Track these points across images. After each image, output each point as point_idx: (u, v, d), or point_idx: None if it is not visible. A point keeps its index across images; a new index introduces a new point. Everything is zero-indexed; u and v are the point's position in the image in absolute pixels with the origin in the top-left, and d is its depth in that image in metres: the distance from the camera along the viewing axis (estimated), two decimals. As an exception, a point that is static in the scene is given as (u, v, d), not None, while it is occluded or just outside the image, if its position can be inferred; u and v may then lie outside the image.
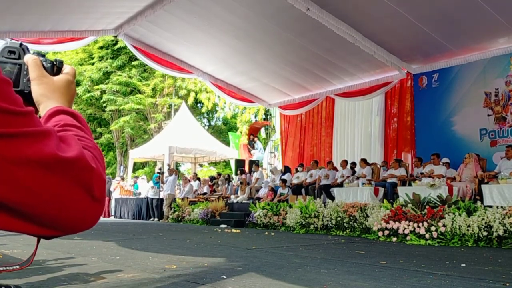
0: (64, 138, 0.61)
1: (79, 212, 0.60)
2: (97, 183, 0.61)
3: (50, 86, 0.77)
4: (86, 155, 0.61)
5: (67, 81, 0.80)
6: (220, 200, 12.86)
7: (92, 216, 0.62)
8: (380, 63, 11.10)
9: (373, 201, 8.86)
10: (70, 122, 0.71)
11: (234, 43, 11.63)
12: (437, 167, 9.41)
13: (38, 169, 0.55)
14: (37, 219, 0.57)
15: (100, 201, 0.62)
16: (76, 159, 0.59)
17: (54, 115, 0.72)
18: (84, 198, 0.60)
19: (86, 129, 0.72)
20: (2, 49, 0.76)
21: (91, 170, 0.61)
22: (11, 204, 0.54)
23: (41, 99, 0.76)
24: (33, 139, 0.56)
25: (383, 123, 12.09)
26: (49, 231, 0.59)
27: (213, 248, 5.97)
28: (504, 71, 9.78)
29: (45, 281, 3.51)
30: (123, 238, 7.43)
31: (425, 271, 4.04)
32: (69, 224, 0.60)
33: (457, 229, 6.63)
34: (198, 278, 3.61)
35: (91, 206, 0.61)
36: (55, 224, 0.59)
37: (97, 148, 0.67)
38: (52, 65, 0.80)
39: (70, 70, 0.82)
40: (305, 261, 4.64)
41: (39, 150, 0.55)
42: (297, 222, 9.27)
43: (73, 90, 0.81)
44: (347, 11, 9.26)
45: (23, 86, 0.76)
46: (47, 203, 0.56)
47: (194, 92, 24.28)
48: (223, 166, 27.01)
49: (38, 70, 0.76)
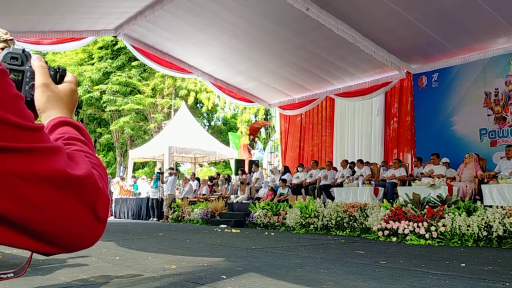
0: (72, 155, 0.61)
1: (82, 232, 0.59)
2: (102, 203, 0.61)
3: (55, 95, 0.76)
4: (95, 174, 0.61)
5: (71, 90, 0.79)
6: (220, 200, 12.86)
7: (94, 236, 0.61)
8: (380, 63, 11.10)
9: (373, 201, 8.86)
10: (74, 136, 0.70)
11: (234, 43, 11.63)
12: (437, 167, 9.41)
13: (46, 186, 0.54)
14: (39, 235, 0.56)
15: (103, 221, 0.61)
16: (84, 177, 0.58)
17: (58, 126, 0.72)
18: (88, 218, 0.59)
19: (89, 143, 0.72)
20: (4, 55, 0.75)
21: (98, 190, 0.60)
22: (15, 219, 0.54)
23: (45, 107, 0.74)
24: (43, 155, 0.55)
25: (383, 123, 12.09)
26: (49, 248, 0.59)
27: (213, 248, 5.97)
28: (504, 71, 9.78)
29: (45, 281, 3.51)
30: (123, 238, 7.42)
31: (425, 271, 4.03)
32: (70, 242, 0.59)
33: (457, 229, 6.63)
34: (198, 278, 3.61)
35: (94, 226, 0.60)
36: (56, 242, 0.58)
37: (101, 165, 0.67)
38: (55, 72, 0.79)
39: (72, 78, 0.81)
40: (305, 261, 4.64)
41: (48, 167, 0.55)
42: (297, 222, 9.27)
43: (75, 99, 0.80)
44: (347, 11, 9.26)
45: (25, 93, 0.75)
46: (51, 220, 0.56)
47: (194, 92, 24.27)
48: (223, 166, 27.01)
49: (45, 78, 0.75)
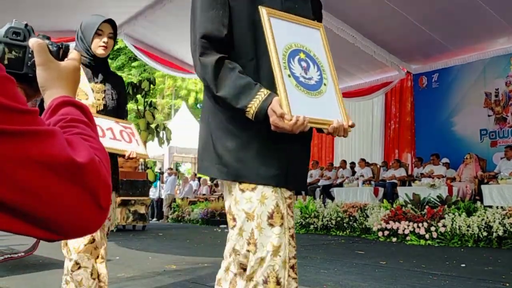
0: (71, 140, 0.59)
1: (83, 219, 0.58)
2: (103, 190, 0.59)
3: (57, 72, 0.73)
4: (96, 160, 0.59)
5: (74, 68, 0.76)
6: (220, 200, 12.85)
7: (96, 224, 0.60)
8: (380, 63, 11.09)
9: (373, 201, 8.85)
10: (77, 117, 0.68)
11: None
12: (437, 167, 9.41)
13: (41, 171, 0.53)
14: (38, 221, 0.55)
15: (105, 209, 0.60)
16: (84, 163, 0.57)
17: (61, 106, 0.69)
18: (90, 205, 0.58)
19: (93, 125, 0.70)
20: (6, 30, 0.72)
21: (99, 176, 0.59)
22: (11, 204, 0.53)
23: (47, 85, 0.72)
24: (36, 139, 0.53)
25: (383, 123, 12.09)
26: (50, 235, 0.57)
27: (213, 248, 5.97)
28: (504, 71, 9.78)
29: (45, 281, 3.51)
30: (123, 238, 7.42)
31: (425, 271, 4.04)
32: (72, 229, 0.58)
33: (457, 229, 6.62)
34: (198, 278, 3.61)
35: (95, 213, 0.59)
36: (56, 228, 0.57)
37: (103, 150, 0.65)
38: (58, 49, 0.76)
39: (76, 56, 0.78)
40: (305, 261, 4.64)
41: (43, 151, 0.53)
42: (297, 222, 9.27)
43: (78, 77, 0.78)
44: (347, 11, 9.26)
45: (27, 69, 0.73)
46: (49, 206, 0.54)
47: (194, 92, 24.28)
48: (223, 166, 27.01)
49: (44, 55, 0.72)
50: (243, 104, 1.33)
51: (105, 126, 2.15)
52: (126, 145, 2.21)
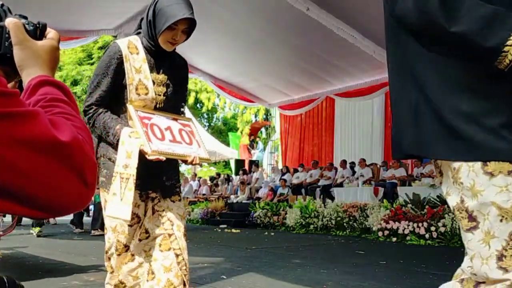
0: (54, 120, 0.60)
1: (71, 197, 0.59)
2: (89, 167, 0.60)
3: (34, 51, 0.72)
4: (79, 138, 0.60)
5: (52, 47, 0.75)
6: (220, 200, 12.86)
7: (83, 201, 0.61)
8: (380, 63, 11.08)
9: (373, 201, 8.85)
10: (57, 96, 0.68)
11: (234, 44, 11.63)
12: (437, 167, 9.40)
13: (26, 151, 0.54)
14: (26, 200, 0.56)
15: (92, 186, 0.61)
16: (68, 142, 0.58)
17: (40, 86, 0.69)
18: (76, 183, 0.59)
19: (73, 104, 0.70)
20: None
21: (84, 155, 0.60)
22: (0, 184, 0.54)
23: (24, 64, 0.71)
24: (19, 120, 0.54)
25: (383, 123, 12.09)
26: (37, 213, 0.59)
27: (213, 248, 5.97)
28: (504, 70, 9.77)
29: (45, 281, 3.51)
30: (123, 238, 7.41)
31: (425, 271, 4.04)
32: (59, 207, 0.59)
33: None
34: (198, 278, 3.60)
35: (82, 191, 0.60)
36: (44, 206, 0.58)
37: (85, 128, 0.66)
38: (35, 28, 0.75)
39: (54, 35, 0.77)
40: (305, 261, 4.64)
41: (26, 131, 0.54)
42: (297, 222, 9.27)
43: (57, 57, 0.76)
44: (347, 11, 9.26)
45: (5, 49, 0.71)
46: (36, 185, 0.56)
47: (194, 92, 24.27)
48: (222, 166, 27.01)
49: (20, 34, 0.71)
50: (495, 42, 0.94)
51: (164, 126, 1.91)
52: (187, 148, 1.93)
